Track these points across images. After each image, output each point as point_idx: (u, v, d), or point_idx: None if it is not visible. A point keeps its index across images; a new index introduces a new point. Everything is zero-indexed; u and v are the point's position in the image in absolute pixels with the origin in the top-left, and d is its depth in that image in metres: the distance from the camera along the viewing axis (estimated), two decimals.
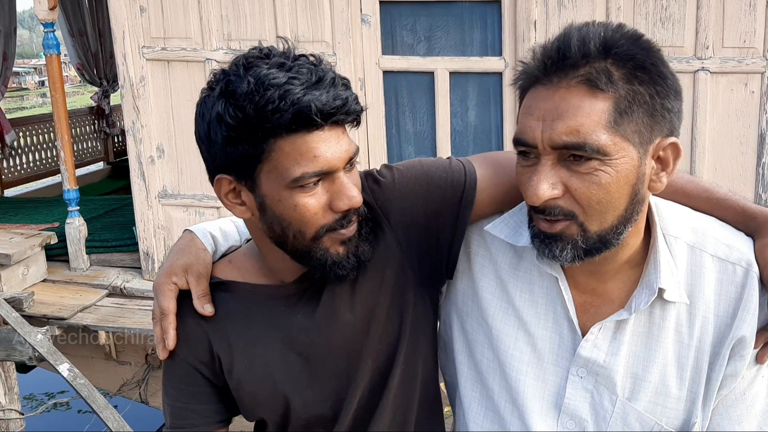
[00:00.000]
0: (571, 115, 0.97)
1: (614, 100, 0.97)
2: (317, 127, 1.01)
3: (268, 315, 1.19)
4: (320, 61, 1.06)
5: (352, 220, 1.09)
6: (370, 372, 1.20)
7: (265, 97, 0.99)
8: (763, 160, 3.92)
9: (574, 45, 0.98)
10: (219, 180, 1.11)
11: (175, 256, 1.24)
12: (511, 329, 1.19)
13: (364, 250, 1.13)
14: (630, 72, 0.98)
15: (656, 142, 1.02)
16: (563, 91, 0.98)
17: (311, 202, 1.05)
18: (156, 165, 4.49)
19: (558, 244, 1.03)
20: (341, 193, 1.05)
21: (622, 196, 1.00)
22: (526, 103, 1.04)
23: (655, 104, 0.99)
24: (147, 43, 4.35)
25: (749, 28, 3.79)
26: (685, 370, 1.12)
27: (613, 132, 0.97)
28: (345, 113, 1.03)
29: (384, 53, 4.21)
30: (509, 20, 4.02)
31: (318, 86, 1.01)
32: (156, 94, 4.41)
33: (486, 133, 4.25)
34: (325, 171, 1.04)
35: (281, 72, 1.01)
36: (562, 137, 0.97)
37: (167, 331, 1.18)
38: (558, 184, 1.00)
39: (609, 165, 0.98)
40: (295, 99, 0.99)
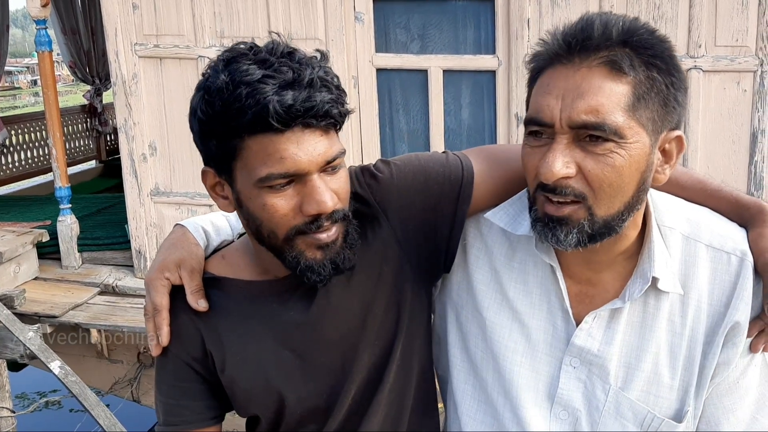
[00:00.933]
0: (593, 94, 0.98)
1: (634, 85, 0.99)
2: (285, 128, 0.99)
3: (261, 311, 1.18)
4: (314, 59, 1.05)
5: (323, 225, 1.05)
6: (365, 367, 1.19)
7: (234, 94, 0.98)
8: (755, 159, 3.93)
9: (597, 28, 0.99)
10: (204, 172, 1.11)
11: (167, 251, 1.22)
12: (505, 320, 1.19)
13: (346, 258, 1.10)
14: (649, 60, 1.00)
15: (665, 133, 1.03)
16: (585, 70, 0.99)
17: (280, 203, 1.03)
18: (148, 163, 4.48)
19: (563, 228, 1.03)
20: (310, 197, 1.03)
21: (632, 181, 1.01)
22: (542, 82, 1.04)
23: (669, 94, 1.01)
24: (139, 41, 4.34)
25: (742, 27, 3.80)
26: (678, 360, 1.12)
27: (630, 116, 0.99)
28: (314, 116, 0.99)
29: (377, 51, 4.20)
30: (502, 18, 4.02)
31: (291, 86, 0.98)
32: (148, 91, 4.39)
33: (479, 131, 4.25)
34: (293, 173, 1.01)
35: (259, 69, 0.99)
36: (581, 116, 0.98)
37: (160, 327, 1.17)
38: (572, 164, 1.00)
39: (624, 148, 0.99)
40: (261, 99, 0.97)
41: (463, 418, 1.24)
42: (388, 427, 1.23)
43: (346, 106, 1.05)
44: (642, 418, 1.12)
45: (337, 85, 1.04)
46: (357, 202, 1.18)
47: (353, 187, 1.19)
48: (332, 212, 1.05)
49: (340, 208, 1.07)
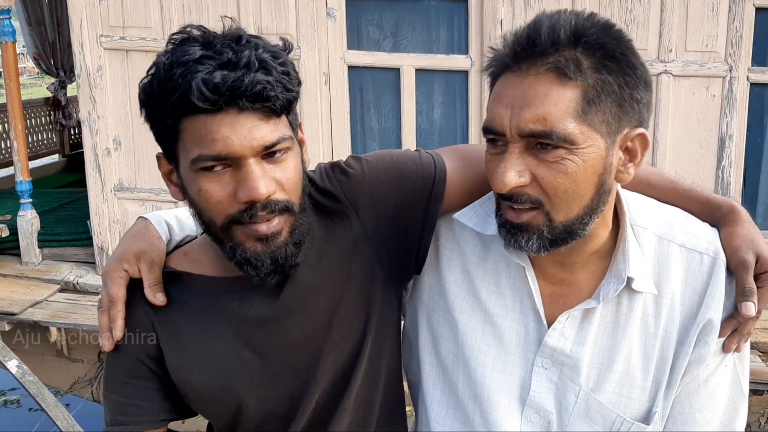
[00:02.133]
0: (539, 102, 0.96)
1: (582, 89, 0.96)
2: (214, 108, 0.95)
3: (222, 309, 1.13)
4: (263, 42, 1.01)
5: (257, 215, 1.00)
6: (331, 370, 1.16)
7: (169, 74, 0.96)
8: (723, 164, 3.97)
9: (544, 32, 0.97)
10: (158, 158, 1.08)
11: (127, 242, 1.17)
12: (477, 322, 1.17)
13: (289, 255, 1.04)
14: (599, 61, 0.97)
15: (624, 132, 1.01)
16: (532, 78, 0.97)
17: (214, 189, 0.99)
18: (112, 157, 4.38)
19: (524, 235, 1.02)
20: (243, 183, 0.98)
21: (588, 185, 1.00)
22: (495, 90, 1.03)
23: (623, 94, 0.98)
24: (105, 32, 4.24)
25: (712, 33, 3.84)
26: (651, 360, 1.11)
27: (580, 121, 0.96)
28: (245, 98, 0.95)
29: (349, 48, 4.16)
30: (476, 19, 4.01)
31: (226, 66, 0.95)
32: (114, 84, 4.30)
33: (451, 131, 4.24)
34: (225, 156, 0.97)
35: (201, 50, 0.96)
36: (529, 125, 0.96)
37: (115, 320, 1.12)
38: (525, 172, 0.99)
39: (576, 154, 0.97)
40: (190, 78, 0.94)
41: (432, 423, 1.22)
42: (357, 429, 1.19)
43: (292, 92, 1.01)
44: (611, 422, 1.11)
45: (284, 70, 1.00)
46: (327, 199, 1.15)
47: (323, 183, 1.16)
48: (269, 202, 1.00)
49: (282, 199, 1.02)
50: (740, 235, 1.11)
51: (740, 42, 3.83)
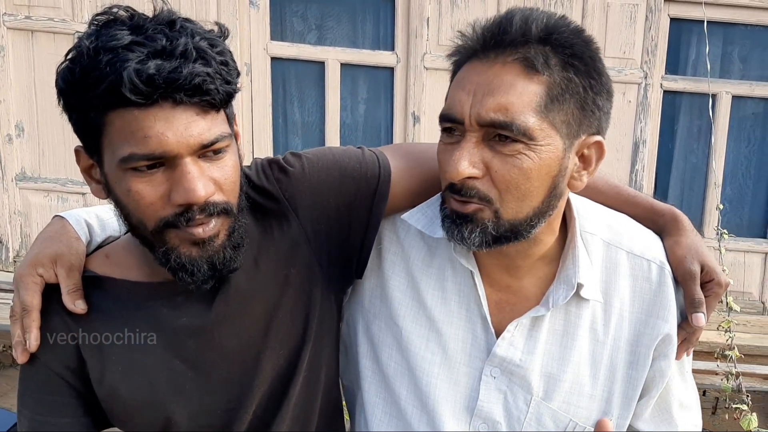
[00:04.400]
0: (503, 92, 0.95)
1: (548, 85, 0.95)
2: (148, 101, 0.87)
3: (149, 316, 1.05)
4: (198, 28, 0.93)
5: (194, 218, 0.93)
6: (268, 379, 1.10)
7: (94, 61, 0.87)
8: (636, 167, 4.11)
9: (516, 23, 0.96)
10: (77, 151, 0.99)
11: (42, 244, 1.07)
12: (422, 329, 1.14)
13: (227, 259, 0.98)
14: (567, 60, 0.96)
15: (582, 138, 1.00)
16: (498, 67, 0.96)
17: (146, 190, 0.92)
18: (14, 144, 4.11)
19: (468, 226, 1.00)
20: (179, 183, 0.91)
21: (541, 185, 0.98)
22: (458, 77, 1.01)
23: (587, 97, 0.98)
24: (8, 11, 3.97)
25: (629, 40, 3.96)
26: (599, 369, 1.11)
27: (542, 117, 0.95)
28: (182, 90, 0.88)
29: (273, 39, 4.06)
30: (402, 16, 4.00)
31: (160, 55, 0.87)
32: (17, 66, 4.03)
33: (376, 127, 4.21)
34: (159, 155, 0.90)
35: (130, 35, 0.88)
36: (490, 114, 0.95)
37: (30, 329, 1.02)
38: (479, 164, 0.97)
39: (533, 150, 0.96)
40: (120, 67, 0.85)
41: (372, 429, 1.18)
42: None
43: (232, 84, 0.93)
44: (564, 426, 1.11)
45: (223, 60, 0.92)
46: (264, 198, 1.09)
47: (259, 181, 1.09)
48: (207, 204, 0.93)
49: (220, 201, 0.95)
50: (684, 244, 1.12)
51: (655, 50, 3.97)
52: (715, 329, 3.04)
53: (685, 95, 4.14)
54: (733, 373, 2.93)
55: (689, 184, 4.28)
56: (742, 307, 3.62)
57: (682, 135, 4.23)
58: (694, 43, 4.05)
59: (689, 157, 4.24)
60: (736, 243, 4.08)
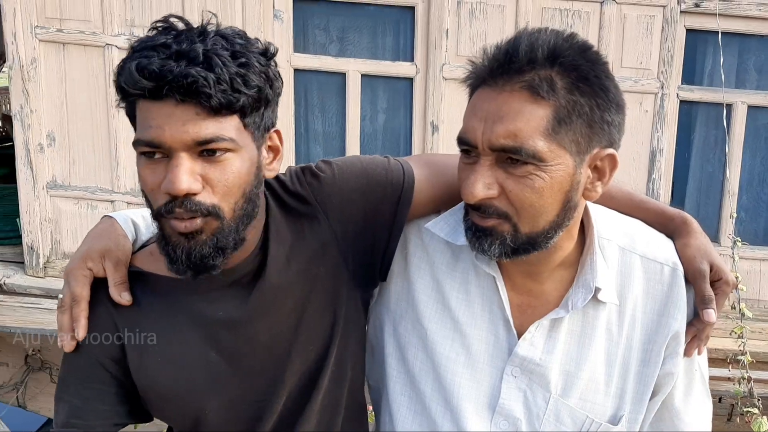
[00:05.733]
0: (511, 119, 0.99)
1: (554, 109, 1.00)
2: (160, 97, 0.96)
3: (189, 310, 1.12)
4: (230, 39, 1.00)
5: (174, 212, 0.98)
6: (298, 373, 1.16)
7: (130, 57, 0.99)
8: (653, 176, 4.15)
9: (522, 50, 1.00)
10: None
11: (92, 241, 1.15)
12: (446, 330, 1.19)
13: (206, 255, 1.02)
14: (573, 82, 1.00)
15: (594, 152, 1.05)
16: (506, 94, 1.01)
17: (149, 176, 1.01)
18: (45, 153, 4.21)
19: (488, 239, 1.06)
20: (167, 173, 0.98)
21: (555, 201, 1.03)
22: (471, 103, 1.06)
23: (594, 116, 1.02)
24: (41, 23, 4.08)
25: (645, 51, 4.00)
26: (613, 367, 1.16)
27: (550, 139, 1.00)
28: (175, 88, 0.94)
29: (295, 51, 4.14)
30: (422, 27, 4.06)
31: (172, 57, 0.95)
32: (49, 77, 4.14)
33: (395, 137, 4.27)
34: (156, 144, 0.98)
35: (163, 39, 0.98)
36: (500, 140, 1.00)
37: (78, 319, 1.09)
38: (494, 185, 1.03)
39: (544, 170, 1.01)
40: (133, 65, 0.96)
41: (397, 427, 1.23)
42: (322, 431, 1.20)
43: (241, 94, 0.98)
44: (581, 423, 1.15)
45: (238, 71, 0.97)
46: (297, 201, 1.16)
47: (293, 186, 1.16)
48: (189, 201, 0.98)
49: (206, 202, 0.99)
50: (693, 245, 1.18)
51: (671, 61, 4.01)
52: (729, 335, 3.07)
53: (701, 105, 4.17)
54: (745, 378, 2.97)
55: (705, 192, 4.30)
56: (757, 315, 3.64)
57: (698, 144, 4.26)
58: (710, 54, 4.08)
59: (705, 166, 4.26)
60: (752, 251, 4.10)
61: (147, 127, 0.98)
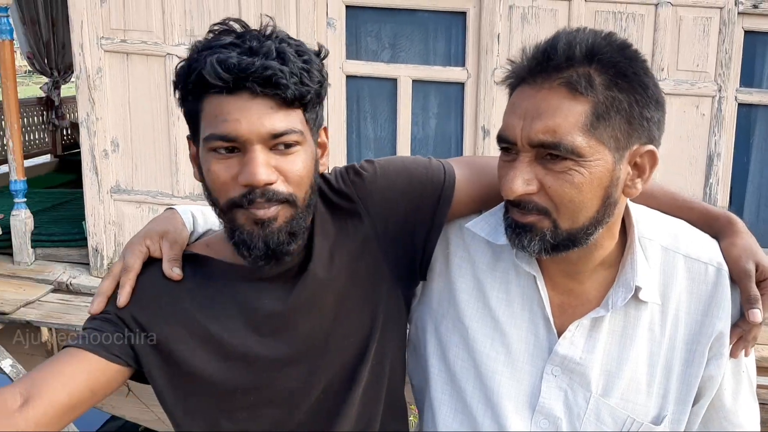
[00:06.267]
0: (550, 115, 1.01)
1: (592, 105, 1.00)
2: (225, 87, 1.00)
3: (235, 296, 1.17)
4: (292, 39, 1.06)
5: (255, 201, 1.04)
6: (337, 364, 1.19)
7: (197, 55, 1.02)
8: (711, 181, 4.06)
9: (560, 48, 1.02)
10: (187, 139, 1.13)
11: (153, 223, 1.23)
12: (487, 329, 1.20)
13: (282, 242, 1.07)
14: (611, 79, 1.01)
15: (633, 148, 1.05)
16: (545, 91, 1.02)
17: (221, 171, 1.04)
18: (110, 159, 4.39)
19: (527, 235, 1.06)
20: (245, 166, 1.02)
21: (594, 197, 1.04)
22: (511, 101, 1.08)
23: (633, 112, 1.02)
24: (106, 35, 4.26)
25: (702, 53, 3.93)
26: (656, 367, 1.15)
27: (588, 135, 1.01)
28: (256, 82, 0.99)
29: (348, 58, 4.22)
30: (473, 32, 4.08)
31: (247, 53, 1.00)
32: (113, 86, 4.32)
33: (446, 141, 4.30)
34: (233, 138, 1.02)
35: (231, 39, 1.02)
36: (539, 135, 1.01)
37: (124, 286, 1.13)
38: (533, 181, 1.04)
39: (583, 166, 1.01)
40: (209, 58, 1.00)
41: (439, 426, 1.24)
42: (362, 428, 1.22)
43: (309, 87, 1.04)
44: (622, 422, 1.15)
45: (304, 67, 1.03)
46: (341, 198, 1.20)
47: (337, 184, 1.21)
48: (267, 191, 1.04)
49: (283, 191, 1.05)
50: (739, 245, 1.17)
51: (729, 63, 3.93)
52: None
53: (760, 108, 4.07)
54: None
55: (766, 197, 4.19)
56: None
57: (758, 148, 4.15)
58: None
59: (765, 170, 4.15)
60: None
61: (222, 121, 1.01)
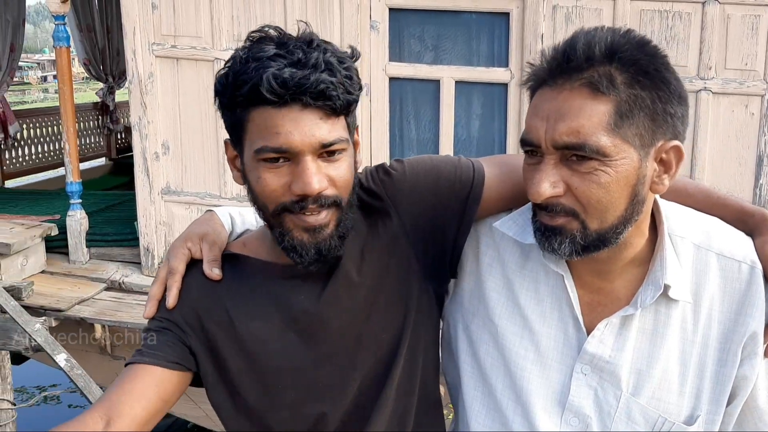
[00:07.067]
0: (573, 116, 1.01)
1: (615, 104, 1.00)
2: (280, 101, 1.03)
3: (272, 292, 1.21)
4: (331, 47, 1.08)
5: (308, 208, 1.08)
6: (371, 361, 1.21)
7: (244, 66, 1.04)
8: (761, 182, 3.97)
9: (579, 48, 1.01)
10: (225, 143, 1.17)
11: (193, 226, 1.29)
12: (516, 327, 1.21)
13: (333, 246, 1.12)
14: (632, 76, 1.01)
15: (659, 144, 1.05)
16: (567, 92, 1.02)
17: (272, 179, 1.07)
18: (160, 161, 4.52)
19: (557, 238, 1.07)
20: (298, 176, 1.06)
21: (621, 196, 1.04)
22: (533, 104, 1.08)
23: (656, 108, 1.02)
24: (157, 40, 4.39)
25: (751, 51, 3.85)
26: (688, 366, 1.14)
27: (613, 134, 1.01)
28: (309, 95, 1.02)
29: (391, 60, 4.25)
30: (516, 32, 4.07)
31: (295, 65, 1.02)
32: (164, 91, 4.44)
33: (489, 143, 4.29)
34: (285, 150, 1.05)
35: (274, 49, 1.04)
36: (563, 137, 1.01)
37: (171, 288, 1.20)
38: (559, 183, 1.04)
39: (609, 165, 1.01)
40: (263, 72, 1.02)
41: (472, 423, 1.26)
42: (395, 426, 1.23)
43: (353, 95, 1.07)
44: (653, 422, 1.14)
45: (347, 75, 1.07)
46: (370, 197, 1.23)
47: (367, 183, 1.23)
48: (319, 197, 1.07)
49: (332, 195, 1.09)
50: None
51: None
52: None
53: None
54: None
55: None
56: None
57: None
58: None
59: None
60: None
61: (274, 134, 1.04)
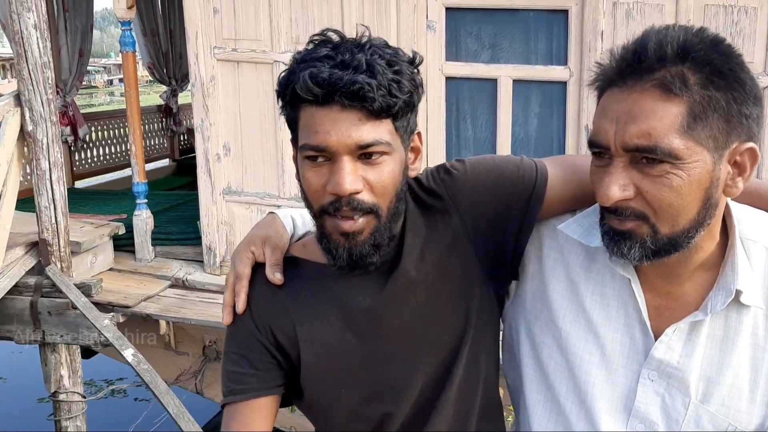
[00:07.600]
0: (644, 118, 0.98)
1: (688, 105, 0.97)
2: (317, 101, 1.04)
3: (331, 293, 1.22)
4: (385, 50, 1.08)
5: (341, 209, 1.08)
6: (432, 362, 1.21)
7: (295, 67, 1.07)
8: None
9: (651, 48, 0.99)
10: (291, 142, 1.20)
11: (256, 229, 1.31)
12: (581, 331, 1.19)
13: (365, 254, 1.12)
14: (706, 77, 0.98)
15: (733, 146, 1.01)
16: (637, 94, 0.99)
17: (313, 178, 1.09)
18: (222, 162, 4.62)
19: (627, 242, 1.04)
20: (333, 176, 1.07)
21: (694, 199, 1.01)
22: (601, 105, 1.06)
23: (731, 110, 0.99)
24: (218, 44, 4.49)
25: None
26: (759, 374, 1.11)
27: (686, 136, 0.98)
28: (345, 95, 1.03)
29: (447, 59, 4.24)
30: (576, 30, 4.00)
31: (339, 66, 1.03)
32: (225, 93, 4.54)
33: (547, 142, 4.23)
34: (323, 149, 1.06)
35: (326, 51, 1.06)
36: (633, 140, 0.99)
37: (239, 294, 1.23)
38: (629, 186, 1.01)
39: (681, 168, 0.98)
40: (304, 72, 1.04)
41: (534, 427, 1.24)
42: (458, 427, 1.23)
43: (398, 99, 1.06)
44: (723, 430, 1.11)
45: (394, 78, 1.06)
46: (431, 197, 1.23)
47: (428, 183, 1.23)
48: (353, 200, 1.07)
49: (368, 201, 1.08)
50: None
51: None
52: None
53: None
54: None
55: None
56: None
57: None
58: None
59: None
60: None
61: (314, 133, 1.05)
